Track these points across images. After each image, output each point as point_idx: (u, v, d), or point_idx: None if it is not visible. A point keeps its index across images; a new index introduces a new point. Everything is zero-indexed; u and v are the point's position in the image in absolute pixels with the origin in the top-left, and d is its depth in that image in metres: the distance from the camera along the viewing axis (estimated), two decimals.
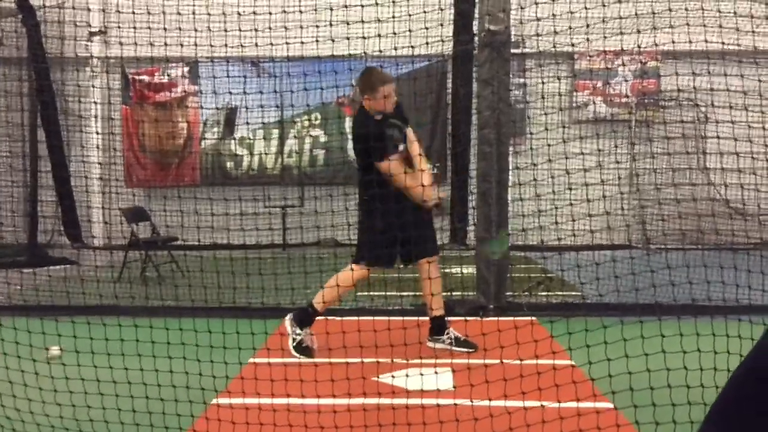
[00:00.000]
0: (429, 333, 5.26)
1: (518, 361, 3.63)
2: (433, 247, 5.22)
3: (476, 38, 7.40)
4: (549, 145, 5.50)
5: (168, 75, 12.69)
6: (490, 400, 3.44)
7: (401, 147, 5.13)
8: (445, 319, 5.28)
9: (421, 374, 3.84)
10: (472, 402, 3.43)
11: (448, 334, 5.21)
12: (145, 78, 12.73)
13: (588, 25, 5.48)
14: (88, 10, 11.30)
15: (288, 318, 5.16)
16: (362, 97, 5.12)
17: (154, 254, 9.28)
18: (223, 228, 6.69)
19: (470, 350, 4.99)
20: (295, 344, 5.01)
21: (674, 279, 5.19)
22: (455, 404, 3.51)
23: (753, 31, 5.49)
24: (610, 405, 3.61)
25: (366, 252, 5.10)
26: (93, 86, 11.34)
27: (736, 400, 1.06)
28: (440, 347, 5.17)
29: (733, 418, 1.06)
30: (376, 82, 5.05)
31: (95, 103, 11.07)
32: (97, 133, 10.71)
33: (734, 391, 1.07)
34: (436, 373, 3.90)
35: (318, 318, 5.13)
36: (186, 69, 12.56)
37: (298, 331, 5.05)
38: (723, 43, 5.53)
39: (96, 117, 10.79)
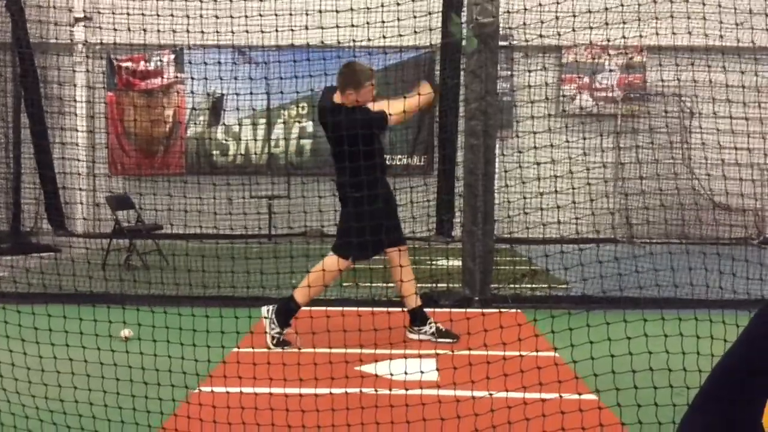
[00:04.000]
0: (409, 324, 5.27)
1: (501, 352, 3.65)
2: (399, 237, 5.20)
3: (464, 29, 7.39)
4: (535, 134, 5.52)
5: (158, 61, 12.59)
6: (473, 383, 3.46)
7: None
8: (425, 309, 5.29)
9: (405, 359, 3.85)
10: (455, 387, 3.45)
11: (430, 324, 5.23)
12: (131, 65, 12.62)
13: (575, 15, 5.50)
14: None
15: (266, 315, 5.08)
16: (344, 92, 4.97)
17: (139, 242, 9.23)
18: (208, 216, 6.67)
19: (453, 341, 5.01)
20: (274, 342, 5.01)
21: (658, 272, 5.23)
22: (438, 388, 3.53)
23: (737, 25, 5.53)
24: (593, 389, 3.64)
25: (347, 245, 5.07)
26: (78, 72, 11.22)
27: (723, 390, 1.06)
28: (423, 338, 5.17)
29: (719, 406, 1.06)
30: (362, 78, 4.96)
31: (80, 89, 10.97)
32: (82, 119, 10.60)
33: (721, 380, 1.07)
34: (419, 357, 3.91)
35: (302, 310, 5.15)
36: (172, 56, 12.46)
37: (278, 330, 5.03)
38: (706, 35, 5.57)
39: (81, 103, 10.69)
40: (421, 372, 3.80)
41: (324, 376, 3.66)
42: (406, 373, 3.76)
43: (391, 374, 4.01)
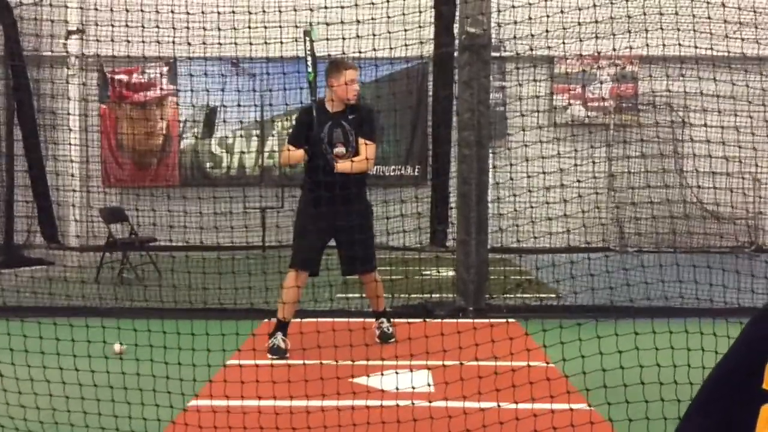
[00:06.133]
0: (386, 317, 5.55)
1: (495, 363, 3.64)
2: (374, 262, 5.36)
3: (456, 41, 7.42)
4: (526, 146, 5.53)
5: (147, 74, 12.59)
6: (464, 398, 3.45)
7: (337, 150, 5.15)
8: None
9: (397, 373, 3.83)
10: (446, 401, 3.43)
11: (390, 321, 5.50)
12: (124, 77, 12.62)
13: (565, 29, 5.53)
14: (66, 7, 11.18)
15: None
16: (328, 83, 5.18)
17: (132, 255, 9.19)
18: (201, 229, 6.66)
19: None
20: (269, 348, 5.06)
21: (650, 282, 5.23)
22: (429, 403, 3.51)
23: (727, 36, 5.56)
24: (585, 403, 3.63)
25: (293, 255, 5.20)
26: (71, 85, 11.21)
27: (720, 393, 1.06)
28: (387, 325, 5.47)
29: (716, 409, 1.05)
30: (340, 65, 5.17)
31: (73, 101, 10.96)
32: (75, 132, 10.59)
33: (718, 383, 1.07)
34: (411, 371, 3.90)
35: (293, 321, 5.17)
36: (165, 68, 12.46)
37: (270, 338, 5.12)
38: (696, 47, 5.59)
39: (73, 116, 10.68)
40: (413, 389, 3.78)
41: (315, 390, 3.64)
42: (397, 390, 3.74)
43: (383, 390, 3.99)
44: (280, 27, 5.63)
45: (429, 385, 4.09)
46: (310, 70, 5.15)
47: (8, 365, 3.81)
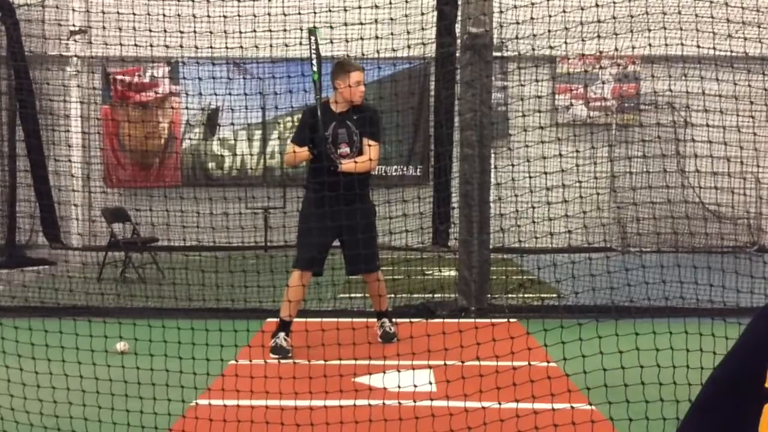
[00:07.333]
0: (388, 317, 5.56)
1: (494, 361, 3.65)
2: (377, 262, 5.38)
3: (458, 41, 7.43)
4: (528, 146, 5.54)
5: (150, 75, 12.61)
6: (466, 397, 3.46)
7: (342, 150, 5.16)
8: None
9: (398, 372, 3.85)
10: (448, 400, 3.45)
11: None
12: (126, 78, 12.65)
13: (567, 28, 5.54)
14: (69, 8, 11.22)
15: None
16: (333, 84, 5.19)
17: (135, 255, 9.21)
18: (204, 229, 6.68)
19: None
20: (271, 347, 5.07)
21: (652, 282, 5.24)
22: (431, 401, 3.52)
23: (729, 35, 5.57)
24: (586, 402, 3.65)
25: (297, 255, 5.23)
26: (73, 85, 11.24)
27: (724, 392, 1.06)
28: (389, 325, 5.50)
29: (720, 408, 1.06)
30: (346, 67, 5.18)
31: (75, 102, 10.98)
32: (77, 132, 10.62)
33: (723, 381, 1.08)
34: (413, 370, 3.91)
35: (296, 320, 5.19)
36: (167, 69, 12.48)
37: (272, 338, 5.14)
38: (699, 47, 5.60)
39: (76, 116, 10.70)
40: (415, 386, 3.80)
41: (318, 388, 3.65)
42: (399, 389, 3.75)
43: (385, 389, 4.01)
44: (285, 30, 5.65)
45: (430, 383, 4.10)
46: (314, 69, 5.15)
47: (16, 364, 3.83)
